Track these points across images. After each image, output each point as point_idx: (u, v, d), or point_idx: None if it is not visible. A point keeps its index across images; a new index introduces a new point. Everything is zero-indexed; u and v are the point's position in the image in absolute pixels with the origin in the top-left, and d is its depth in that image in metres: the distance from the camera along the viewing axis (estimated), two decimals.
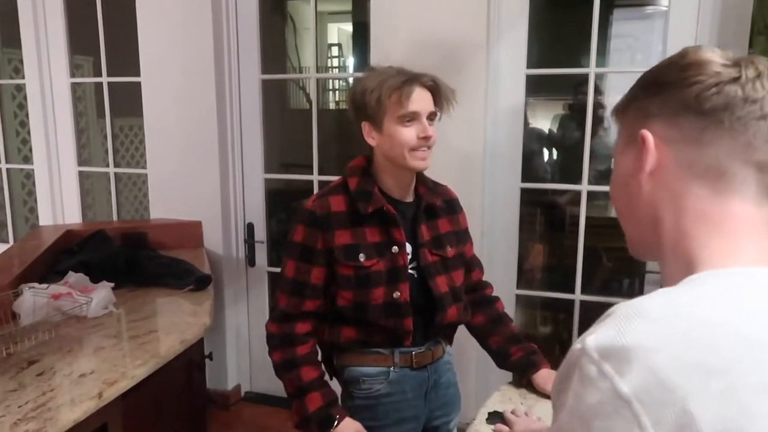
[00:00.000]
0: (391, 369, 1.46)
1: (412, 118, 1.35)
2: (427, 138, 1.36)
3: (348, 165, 1.49)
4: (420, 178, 1.49)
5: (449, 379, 1.57)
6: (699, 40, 2.11)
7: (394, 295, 1.41)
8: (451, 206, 1.56)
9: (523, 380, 1.48)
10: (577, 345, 0.54)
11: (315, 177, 2.78)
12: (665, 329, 0.50)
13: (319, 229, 1.40)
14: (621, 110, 0.71)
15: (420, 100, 1.36)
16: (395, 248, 1.42)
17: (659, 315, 0.52)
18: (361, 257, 1.40)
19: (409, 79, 1.35)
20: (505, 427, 1.25)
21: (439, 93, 1.39)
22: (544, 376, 1.44)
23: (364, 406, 1.47)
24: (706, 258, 0.60)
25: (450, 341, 1.60)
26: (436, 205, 1.49)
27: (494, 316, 1.61)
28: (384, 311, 1.41)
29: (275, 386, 1.49)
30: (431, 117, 1.39)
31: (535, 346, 1.53)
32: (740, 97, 0.60)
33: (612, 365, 0.50)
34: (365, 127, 1.41)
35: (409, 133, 1.35)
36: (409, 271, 1.45)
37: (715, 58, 0.62)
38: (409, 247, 1.45)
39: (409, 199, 1.48)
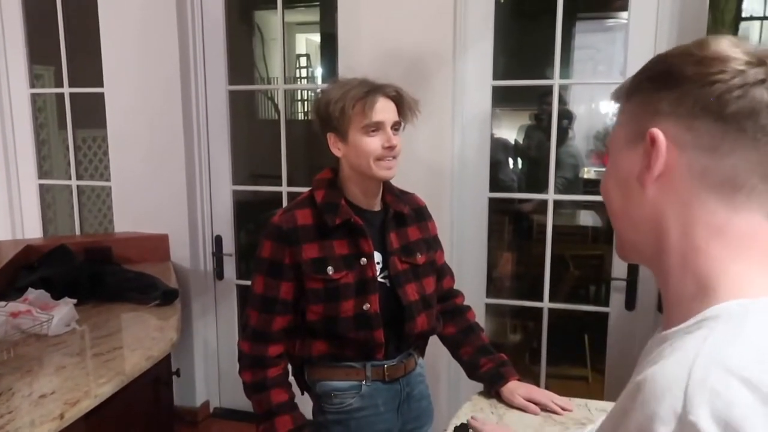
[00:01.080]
0: (363, 383, 1.45)
1: (377, 128, 1.36)
2: (391, 147, 1.37)
3: (315, 177, 1.49)
4: (386, 186, 1.50)
5: (422, 392, 1.56)
6: (658, 51, 2.17)
7: (364, 307, 1.40)
8: (420, 214, 1.57)
9: (492, 391, 1.49)
10: (660, 428, 0.47)
11: (284, 188, 2.76)
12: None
13: (286, 243, 1.39)
14: (624, 95, 0.63)
15: (384, 109, 1.37)
16: (363, 260, 1.41)
17: (752, 372, 0.47)
18: (330, 270, 1.39)
19: (372, 90, 1.36)
20: None
21: (402, 103, 1.41)
22: (512, 389, 1.45)
23: (337, 420, 1.45)
24: (729, 281, 0.55)
25: (422, 353, 1.60)
26: (404, 213, 1.50)
27: (465, 326, 1.61)
28: (354, 324, 1.41)
29: (245, 402, 1.47)
30: (395, 127, 1.40)
31: (505, 357, 1.54)
32: (766, 102, 0.53)
33: None
34: (330, 138, 1.41)
35: (373, 143, 1.36)
36: (381, 280, 1.44)
37: (738, 54, 0.55)
38: (379, 257, 1.45)
39: (377, 208, 1.48)
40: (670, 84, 0.57)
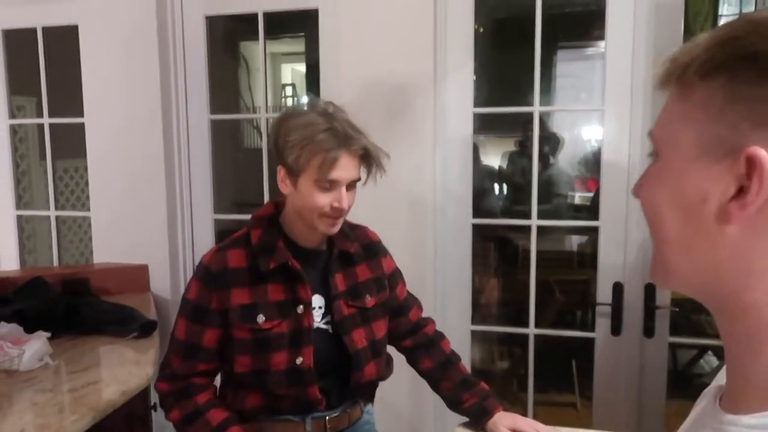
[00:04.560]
0: None
1: (331, 185, 1.26)
2: (340, 210, 1.27)
3: (253, 214, 1.39)
4: None
5: None
6: (634, 78, 2.21)
7: (297, 361, 1.29)
8: (371, 250, 1.46)
9: (478, 427, 1.45)
10: None
11: None
12: None
13: (213, 287, 1.30)
14: (697, 72, 0.43)
15: (344, 168, 1.25)
16: (300, 307, 1.31)
17: None
18: (260, 318, 1.28)
19: (337, 146, 1.23)
20: None
21: (368, 160, 1.30)
22: (496, 421, 1.41)
23: None
24: None
25: (370, 399, 1.51)
26: (350, 252, 1.40)
27: (443, 359, 1.54)
28: (286, 379, 1.30)
29: None
30: (352, 184, 1.30)
31: (487, 389, 1.49)
32: None
33: None
34: (281, 171, 1.30)
35: (323, 200, 1.26)
36: (323, 326, 1.35)
37: None
38: (321, 301, 1.35)
39: (322, 247, 1.39)
40: None
